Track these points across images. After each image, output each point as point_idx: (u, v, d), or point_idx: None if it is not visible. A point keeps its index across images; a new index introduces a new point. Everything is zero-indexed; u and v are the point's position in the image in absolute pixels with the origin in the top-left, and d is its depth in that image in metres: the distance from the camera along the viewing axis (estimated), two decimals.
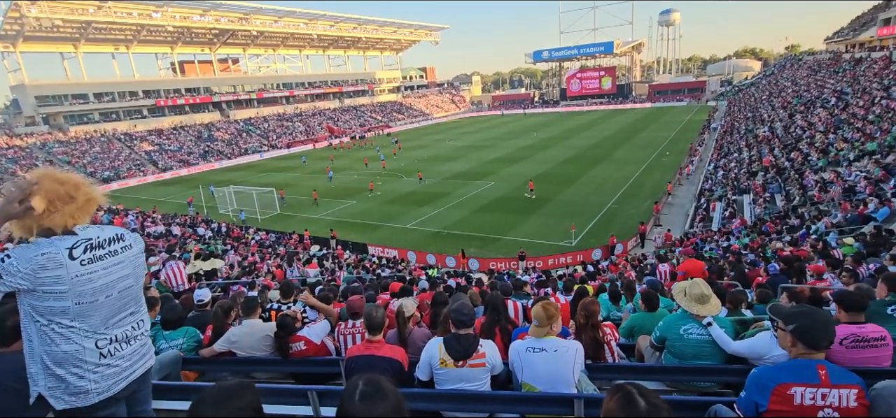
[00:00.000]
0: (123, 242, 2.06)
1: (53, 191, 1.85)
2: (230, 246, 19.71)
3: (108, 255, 1.96)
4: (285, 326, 3.59)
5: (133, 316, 2.11)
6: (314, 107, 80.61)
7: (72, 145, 50.64)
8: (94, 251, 1.90)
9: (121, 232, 2.09)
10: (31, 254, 1.75)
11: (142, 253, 2.18)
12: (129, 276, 2.06)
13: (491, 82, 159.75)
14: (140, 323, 2.16)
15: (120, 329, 2.03)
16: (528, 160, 41.06)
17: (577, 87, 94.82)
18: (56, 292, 1.78)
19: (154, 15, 56.36)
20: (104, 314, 1.94)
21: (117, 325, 2.02)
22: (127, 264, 2.05)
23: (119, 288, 2.00)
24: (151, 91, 62.96)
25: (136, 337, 2.11)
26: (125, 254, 2.05)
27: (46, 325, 1.82)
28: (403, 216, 27.05)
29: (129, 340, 2.06)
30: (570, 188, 30.28)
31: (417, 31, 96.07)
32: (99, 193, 2.04)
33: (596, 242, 20.73)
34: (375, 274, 15.68)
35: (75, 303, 1.83)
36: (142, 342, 2.16)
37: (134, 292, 2.10)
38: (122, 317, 2.04)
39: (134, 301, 2.11)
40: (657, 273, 10.14)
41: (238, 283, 9.39)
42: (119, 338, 2.01)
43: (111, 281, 1.96)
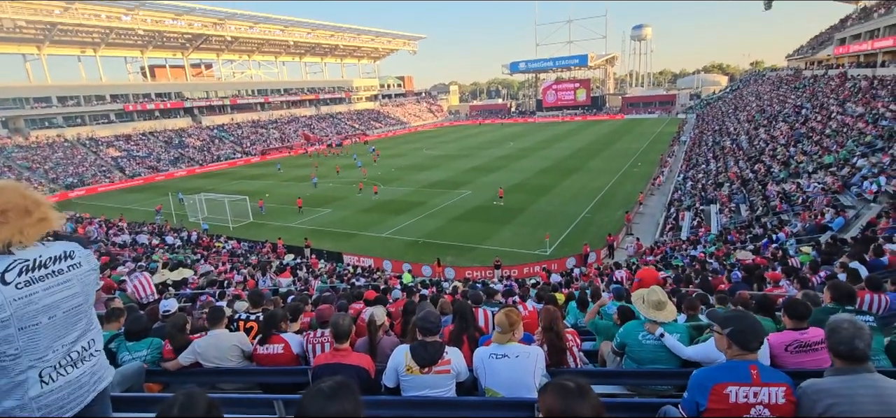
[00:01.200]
0: (72, 260, 1.99)
1: (12, 201, 1.82)
2: (200, 255, 19.23)
3: (50, 275, 1.89)
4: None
5: (83, 336, 2.03)
6: (290, 115, 79.62)
7: (32, 150, 48.51)
8: (32, 272, 1.83)
9: (70, 249, 2.02)
10: None
11: (94, 270, 2.09)
12: (78, 295, 1.98)
13: (469, 92, 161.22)
14: (90, 343, 2.08)
15: (64, 353, 1.94)
16: (504, 169, 41.58)
17: (553, 98, 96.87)
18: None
19: (123, 18, 54.82)
20: (49, 337, 1.87)
21: (63, 349, 1.94)
22: (75, 282, 1.97)
23: (64, 308, 1.93)
24: (119, 95, 60.95)
25: (85, 357, 2.03)
26: (73, 272, 1.97)
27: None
28: (380, 224, 26.97)
29: (75, 363, 1.98)
30: (546, 197, 30.80)
31: (395, 40, 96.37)
32: (56, 218, 1.97)
33: (570, 251, 21.13)
34: (350, 283, 15.57)
35: (18, 328, 1.77)
36: (92, 362, 2.08)
37: (83, 310, 2.03)
38: (70, 339, 1.96)
39: (84, 320, 2.04)
40: (615, 279, 10.48)
41: (206, 293, 9.20)
42: (64, 363, 1.94)
43: (55, 301, 1.89)
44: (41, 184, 43.35)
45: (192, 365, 3.56)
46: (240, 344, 3.70)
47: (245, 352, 3.72)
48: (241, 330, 4.16)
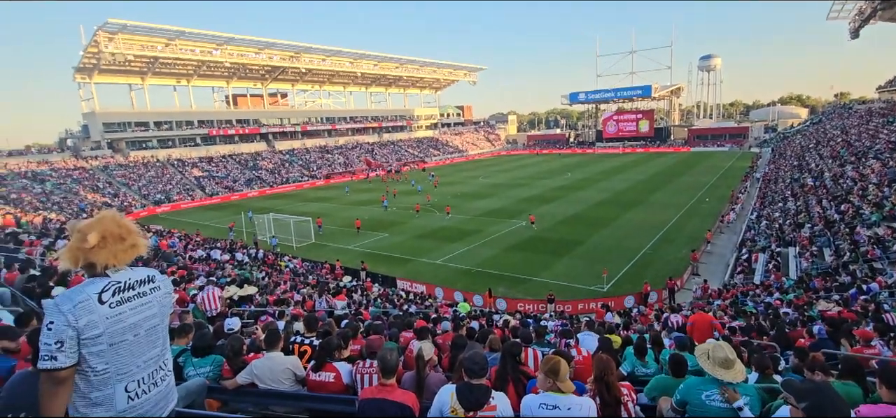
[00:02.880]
0: (153, 284, 2.23)
1: (108, 229, 2.10)
2: (265, 272, 20.36)
3: (136, 296, 2.12)
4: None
5: (160, 356, 2.25)
6: (354, 141, 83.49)
7: (130, 169, 54.36)
8: (122, 293, 2.07)
9: (152, 273, 2.26)
10: (66, 307, 1.93)
11: (170, 293, 2.35)
12: (156, 316, 2.22)
13: (527, 121, 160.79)
14: (165, 364, 2.29)
15: (147, 370, 2.16)
16: (560, 200, 40.68)
17: (614, 128, 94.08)
18: (92, 337, 1.95)
19: (214, 52, 60.72)
20: (133, 354, 2.09)
21: (145, 366, 2.15)
22: (154, 304, 2.21)
23: (146, 327, 2.15)
24: (206, 121, 67.24)
25: (160, 378, 2.25)
26: (153, 294, 2.21)
27: (81, 371, 1.98)
28: (434, 251, 27.19)
29: (156, 383, 2.21)
30: (604, 231, 29.66)
31: (456, 71, 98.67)
32: (143, 245, 2.24)
33: (629, 289, 20.07)
34: (402, 309, 15.75)
35: (109, 345, 2.00)
36: (167, 384, 2.30)
37: (160, 331, 2.26)
38: (149, 357, 2.17)
39: (161, 340, 2.26)
40: (669, 324, 9.75)
41: (267, 313, 9.69)
42: (146, 381, 2.15)
43: (139, 320, 2.12)
44: (135, 199, 48.35)
45: (248, 384, 3.74)
46: (293, 368, 3.85)
47: (298, 377, 3.87)
48: (296, 353, 4.33)
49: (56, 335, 1.88)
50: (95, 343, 1.96)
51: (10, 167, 47.35)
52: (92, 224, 2.07)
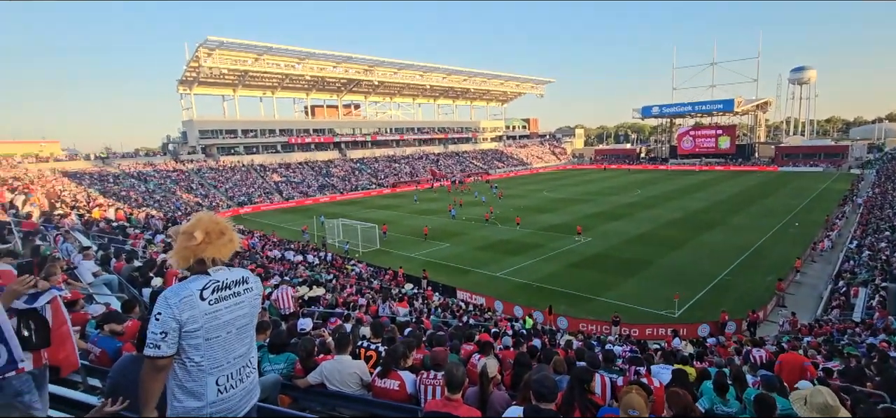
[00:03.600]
0: (246, 285, 2.39)
1: (208, 226, 2.30)
2: (333, 275, 21.33)
3: (232, 295, 2.28)
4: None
5: (247, 353, 2.40)
6: (420, 151, 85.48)
7: (219, 172, 59.61)
8: (220, 292, 2.24)
9: (246, 275, 2.42)
10: (173, 301, 2.12)
11: (260, 294, 2.52)
12: (247, 315, 2.38)
13: (595, 135, 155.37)
14: (251, 361, 2.45)
15: (236, 366, 2.32)
16: (628, 218, 38.75)
17: (690, 144, 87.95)
18: (191, 330, 2.14)
19: (296, 66, 65.32)
20: (225, 349, 2.25)
21: (235, 362, 2.31)
22: (246, 304, 2.36)
23: (238, 325, 2.31)
24: (286, 130, 72.25)
25: (246, 374, 2.40)
26: (245, 295, 2.37)
27: (179, 361, 2.17)
28: (494, 263, 26.97)
29: (242, 379, 2.36)
30: (676, 252, 27.77)
31: (523, 84, 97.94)
32: (238, 240, 2.43)
33: (703, 316, 18.56)
34: (461, 320, 15.74)
35: (205, 339, 2.17)
36: (251, 380, 2.44)
37: (249, 330, 2.41)
38: (238, 353, 2.33)
39: (249, 337, 2.42)
40: (751, 359, 8.81)
41: (335, 315, 10.11)
42: (233, 376, 2.31)
43: (232, 318, 2.27)
44: (222, 200, 52.88)
45: (317, 384, 3.91)
46: (360, 373, 3.97)
47: (364, 381, 3.98)
48: (362, 357, 4.47)
49: (162, 326, 2.08)
50: (194, 336, 2.14)
51: (122, 168, 53.79)
52: (194, 224, 2.28)
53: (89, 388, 4.53)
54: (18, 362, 2.82)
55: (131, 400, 2.96)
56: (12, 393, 2.84)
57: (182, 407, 2.19)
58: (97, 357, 4.79)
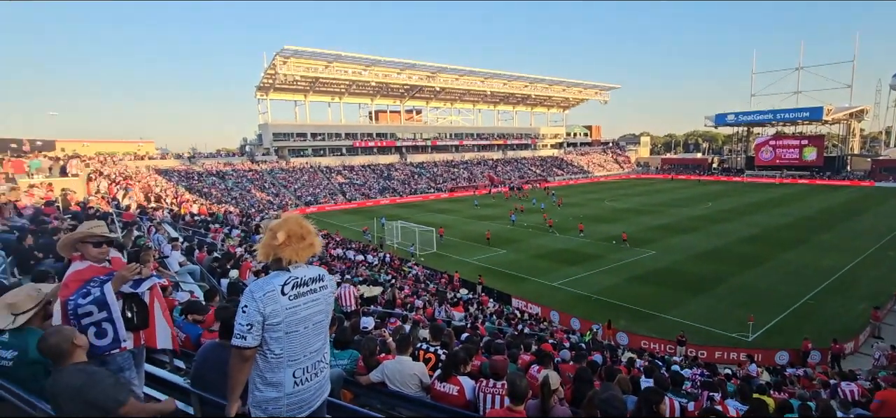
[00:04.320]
0: (321, 283, 2.50)
1: (292, 229, 2.43)
2: (391, 276, 21.86)
3: (309, 292, 2.40)
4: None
5: (321, 348, 2.53)
6: (479, 157, 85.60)
7: (289, 173, 63.29)
8: (299, 288, 2.36)
9: (322, 273, 2.54)
10: (258, 295, 2.26)
11: (334, 291, 2.64)
12: (323, 312, 2.49)
13: (661, 144, 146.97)
14: (325, 356, 2.56)
15: (311, 361, 2.43)
16: (698, 232, 36.26)
17: (769, 155, 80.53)
18: (273, 324, 2.27)
19: (363, 73, 68.02)
20: (303, 343, 2.38)
21: (310, 357, 2.43)
22: (322, 301, 2.48)
23: (314, 321, 2.43)
24: (351, 134, 75.37)
25: (321, 369, 2.51)
26: (321, 293, 2.49)
27: (261, 352, 2.31)
28: (551, 273, 26.34)
29: (317, 373, 2.48)
30: (752, 271, 25.59)
31: (587, 90, 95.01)
32: (319, 245, 2.55)
33: (781, 342, 16.93)
34: (517, 329, 15.51)
35: (285, 332, 2.30)
36: (324, 375, 2.56)
37: (323, 326, 2.53)
38: (314, 348, 2.45)
39: (324, 333, 2.54)
40: (840, 394, 7.84)
41: (394, 316, 10.35)
42: (309, 370, 2.42)
43: (309, 314, 2.39)
44: (290, 199, 56.05)
45: (378, 383, 4.03)
46: (420, 375, 4.04)
47: (423, 383, 4.05)
48: (421, 359, 4.54)
49: (248, 318, 2.24)
50: (276, 329, 2.28)
51: (205, 167, 58.65)
52: (280, 224, 2.42)
53: (175, 369, 4.98)
54: (122, 341, 3.16)
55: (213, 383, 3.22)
56: (116, 368, 3.18)
57: (262, 397, 2.34)
58: (181, 341, 5.25)
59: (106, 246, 3.37)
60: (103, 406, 2.47)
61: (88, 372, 2.55)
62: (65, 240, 3.46)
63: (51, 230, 9.38)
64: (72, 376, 2.51)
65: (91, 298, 3.06)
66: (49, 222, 10.73)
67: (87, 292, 3.08)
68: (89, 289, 3.10)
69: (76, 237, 3.30)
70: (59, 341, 2.61)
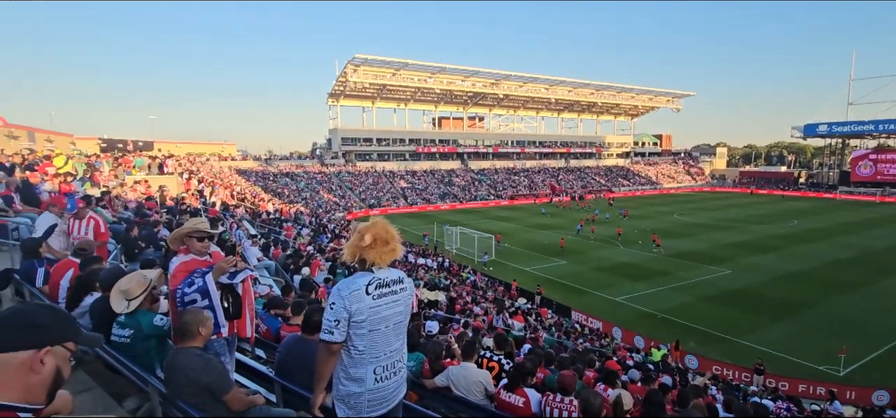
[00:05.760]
0: (402, 285, 2.63)
1: (379, 233, 2.57)
2: (449, 281, 22.08)
3: (390, 293, 2.53)
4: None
5: (400, 348, 2.65)
6: (541, 165, 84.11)
7: (355, 176, 65.98)
8: (381, 289, 2.50)
9: (401, 275, 2.66)
10: (345, 293, 2.42)
11: (413, 294, 2.77)
12: (402, 313, 2.61)
13: (740, 155, 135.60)
14: (403, 356, 2.67)
15: (391, 359, 2.56)
16: (781, 252, 33.10)
17: (869, 170, 71.71)
18: (358, 321, 2.41)
19: (428, 80, 69.52)
20: (384, 341, 2.51)
21: (390, 355, 2.55)
22: (401, 302, 2.60)
23: (394, 321, 2.55)
24: (415, 139, 77.12)
25: (399, 368, 2.63)
26: (401, 294, 2.61)
27: (346, 348, 2.47)
28: (613, 287, 25.28)
29: (396, 372, 2.59)
30: (845, 298, 23.02)
31: (657, 98, 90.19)
32: (400, 250, 2.67)
33: (880, 379, 15.04)
34: (577, 343, 15.06)
35: (368, 330, 2.44)
36: (402, 374, 2.66)
37: (402, 326, 2.64)
38: (394, 348, 2.57)
39: (403, 334, 2.67)
40: None
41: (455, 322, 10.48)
42: (388, 368, 2.55)
43: (390, 313, 2.52)
44: (355, 201, 58.36)
45: (444, 387, 4.13)
46: (485, 383, 4.10)
47: (488, 391, 4.10)
48: (484, 367, 4.59)
49: (336, 314, 2.42)
50: (360, 326, 2.44)
51: (280, 168, 62.65)
52: (368, 227, 2.58)
53: (256, 357, 5.41)
54: (221, 327, 3.51)
55: (296, 374, 3.49)
56: (214, 353, 3.54)
57: (346, 390, 2.51)
58: (263, 333, 5.70)
59: (208, 240, 3.76)
60: (215, 390, 2.78)
61: (206, 358, 2.89)
62: (174, 234, 3.91)
63: (152, 222, 10.50)
64: (192, 358, 2.85)
65: (195, 287, 3.43)
66: (150, 216, 12.02)
67: (192, 282, 3.45)
68: (193, 278, 3.47)
69: (184, 232, 3.71)
70: (193, 320, 2.99)
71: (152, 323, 3.52)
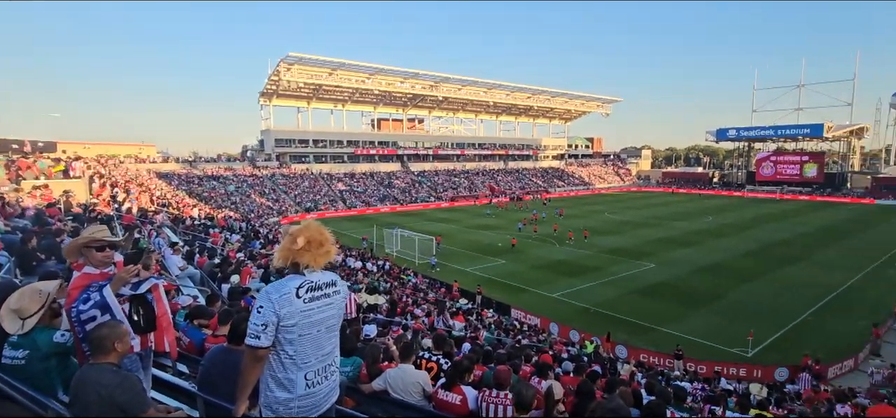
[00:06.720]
0: (335, 287, 2.55)
1: (312, 235, 2.47)
2: (390, 284, 21.84)
3: (323, 296, 2.44)
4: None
5: (332, 352, 2.56)
6: (480, 167, 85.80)
7: (290, 179, 63.39)
8: (313, 292, 2.41)
9: (335, 278, 2.58)
10: (274, 296, 2.32)
11: (346, 297, 2.69)
12: (335, 316, 2.53)
13: (662, 157, 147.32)
14: (335, 360, 2.60)
15: (322, 364, 2.47)
16: (698, 246, 36.28)
17: (770, 171, 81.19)
18: (288, 325, 2.31)
19: (366, 81, 68.44)
20: (315, 345, 2.41)
21: (322, 360, 2.46)
22: (335, 305, 2.52)
23: (327, 324, 2.47)
24: (353, 141, 75.54)
25: (331, 373, 2.55)
26: (335, 297, 2.53)
27: (274, 353, 2.36)
28: (550, 284, 26.33)
29: (327, 377, 2.51)
30: (751, 286, 25.64)
31: (589, 103, 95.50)
32: (335, 252, 2.58)
33: (780, 358, 16.91)
34: (516, 340, 15.48)
35: (299, 334, 2.34)
36: (334, 379, 2.59)
37: (335, 330, 2.56)
38: (325, 352, 2.48)
39: (335, 338, 2.58)
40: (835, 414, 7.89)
41: (395, 324, 10.36)
42: (320, 373, 2.46)
43: (322, 318, 2.44)
44: (290, 205, 56.10)
45: (381, 391, 4.05)
46: (423, 383, 4.06)
47: (426, 392, 4.07)
48: (423, 368, 4.56)
49: (263, 318, 2.28)
50: (290, 331, 2.32)
51: (206, 171, 58.77)
52: (301, 230, 2.47)
53: (177, 372, 4.99)
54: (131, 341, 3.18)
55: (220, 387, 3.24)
56: (124, 371, 3.20)
57: (274, 397, 2.37)
58: (186, 346, 5.27)
59: (109, 250, 3.39)
60: (129, 410, 2.50)
61: (122, 375, 2.60)
62: (70, 246, 3.48)
63: (54, 231, 9.42)
64: (106, 374, 2.55)
65: (92, 303, 3.06)
66: (52, 224, 10.78)
67: (88, 297, 3.08)
68: (89, 294, 3.10)
69: (80, 242, 3.31)
70: (108, 334, 2.67)
71: (52, 341, 3.12)
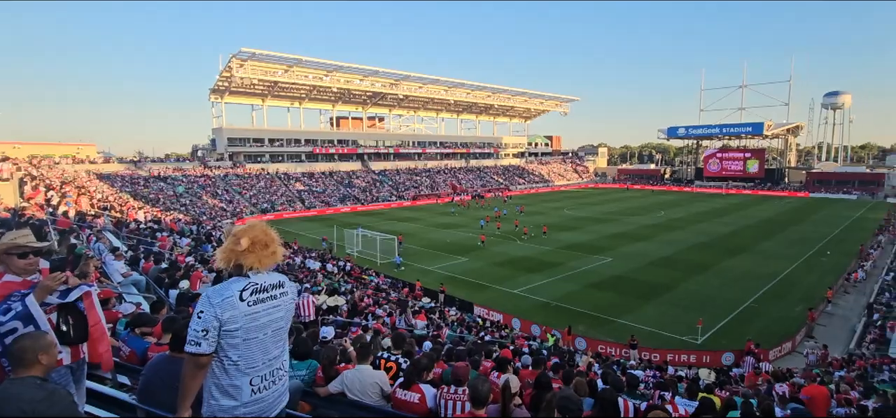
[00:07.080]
0: (282, 289, 2.45)
1: (256, 236, 2.37)
2: (351, 285, 21.48)
3: (270, 298, 2.34)
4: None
5: (280, 356, 2.45)
6: (442, 165, 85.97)
7: (245, 179, 61.07)
8: (258, 294, 2.30)
9: (282, 279, 2.48)
10: (215, 300, 2.20)
11: (294, 299, 2.58)
12: (283, 318, 2.43)
13: (618, 155, 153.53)
14: (283, 364, 2.49)
15: (270, 368, 2.36)
16: (652, 240, 37.97)
17: (716, 167, 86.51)
18: (231, 330, 2.20)
19: (324, 78, 66.89)
20: (261, 350, 2.30)
21: (269, 364, 2.35)
22: (282, 308, 2.42)
23: (274, 327, 2.36)
24: (311, 140, 73.65)
25: (279, 377, 2.44)
26: (282, 298, 2.43)
27: (217, 359, 2.24)
28: (512, 280, 26.75)
29: (275, 381, 2.40)
30: (700, 277, 27.09)
31: (547, 102, 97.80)
32: (281, 253, 2.49)
33: (727, 344, 17.99)
34: (479, 336, 15.62)
35: (244, 339, 2.23)
36: (283, 383, 2.48)
37: (283, 333, 2.46)
38: (273, 356, 2.38)
39: (283, 341, 2.47)
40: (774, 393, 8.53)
41: (355, 325, 10.18)
42: (267, 378, 2.35)
43: (269, 320, 2.33)
44: (245, 206, 54.06)
45: (338, 393, 3.94)
46: (381, 383, 3.99)
47: (384, 392, 4.00)
48: (382, 368, 4.48)
49: (203, 324, 2.15)
50: (233, 336, 2.20)
51: (153, 172, 55.65)
52: (245, 230, 2.35)
53: (118, 385, 4.67)
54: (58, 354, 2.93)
55: (162, 398, 3.05)
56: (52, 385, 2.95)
57: (218, 406, 2.25)
58: (126, 356, 4.94)
59: (33, 257, 3.12)
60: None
61: (49, 389, 2.37)
62: None
63: None
64: (30, 389, 2.32)
65: (13, 313, 2.82)
66: None
67: (8, 308, 2.84)
68: (10, 304, 2.86)
69: (0, 249, 3.04)
70: (30, 346, 2.43)
71: None
